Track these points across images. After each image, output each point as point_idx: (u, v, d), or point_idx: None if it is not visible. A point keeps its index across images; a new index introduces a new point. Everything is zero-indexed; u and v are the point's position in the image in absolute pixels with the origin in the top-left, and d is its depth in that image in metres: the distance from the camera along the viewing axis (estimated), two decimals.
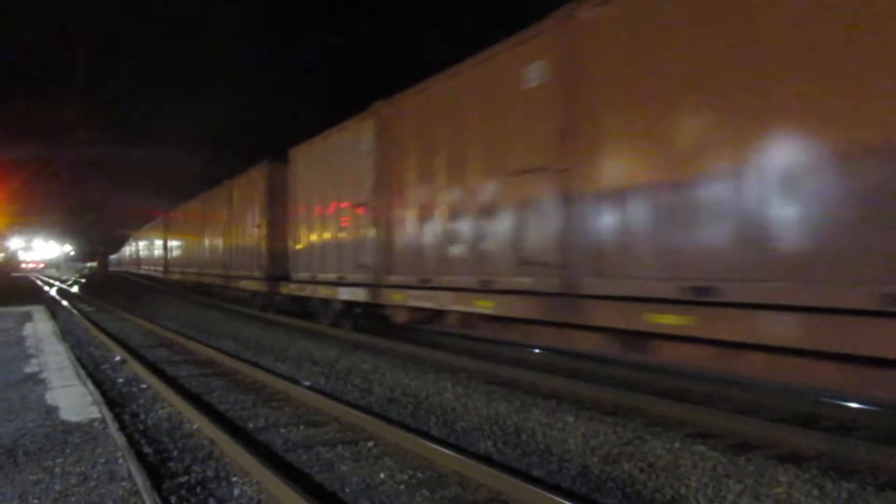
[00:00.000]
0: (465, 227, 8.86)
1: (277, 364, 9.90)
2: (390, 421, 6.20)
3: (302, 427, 6.30)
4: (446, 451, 5.09)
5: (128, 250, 64.24)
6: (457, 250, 9.01)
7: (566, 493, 4.52)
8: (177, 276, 31.39)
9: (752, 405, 6.71)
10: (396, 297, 10.37)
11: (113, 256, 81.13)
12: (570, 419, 6.24)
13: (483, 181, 8.49)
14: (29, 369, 9.30)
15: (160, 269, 37.61)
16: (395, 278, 10.45)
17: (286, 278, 15.32)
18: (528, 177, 7.55)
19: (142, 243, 50.74)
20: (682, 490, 4.62)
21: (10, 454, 5.32)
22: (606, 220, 6.57)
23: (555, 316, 7.29)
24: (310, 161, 14.18)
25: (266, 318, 16.84)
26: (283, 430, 6.19)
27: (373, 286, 11.14)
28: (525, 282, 7.62)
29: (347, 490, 4.66)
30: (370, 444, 5.69)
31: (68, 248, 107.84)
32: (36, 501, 4.31)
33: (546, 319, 7.52)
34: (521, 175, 7.66)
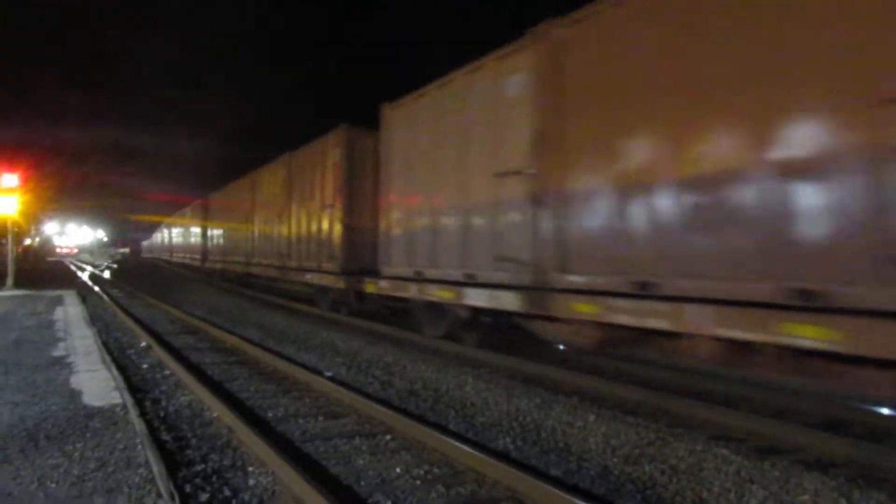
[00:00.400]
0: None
1: (300, 354, 9.92)
2: (409, 414, 6.17)
3: (321, 418, 6.29)
4: (463, 446, 5.03)
5: (159, 237, 62.88)
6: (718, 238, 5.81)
7: (584, 494, 4.44)
8: (217, 266, 28.36)
9: (779, 408, 6.55)
10: (582, 309, 7.09)
11: (145, 243, 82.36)
12: (592, 417, 6.15)
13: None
14: (56, 353, 9.43)
15: (197, 257, 34.28)
16: (575, 279, 7.32)
17: (371, 273, 12.45)
18: None
19: (175, 230, 47.26)
20: (704, 494, 4.51)
21: (32, 437, 5.37)
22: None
23: None
24: (414, 119, 11.04)
25: (293, 308, 16.84)
26: (301, 421, 6.19)
27: (531, 290, 7.97)
28: None
29: (363, 483, 4.62)
30: (388, 437, 5.66)
31: (101, 234, 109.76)
32: (53, 486, 4.33)
33: None
34: None
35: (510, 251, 8.38)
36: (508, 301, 8.34)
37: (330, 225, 14.56)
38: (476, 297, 9.02)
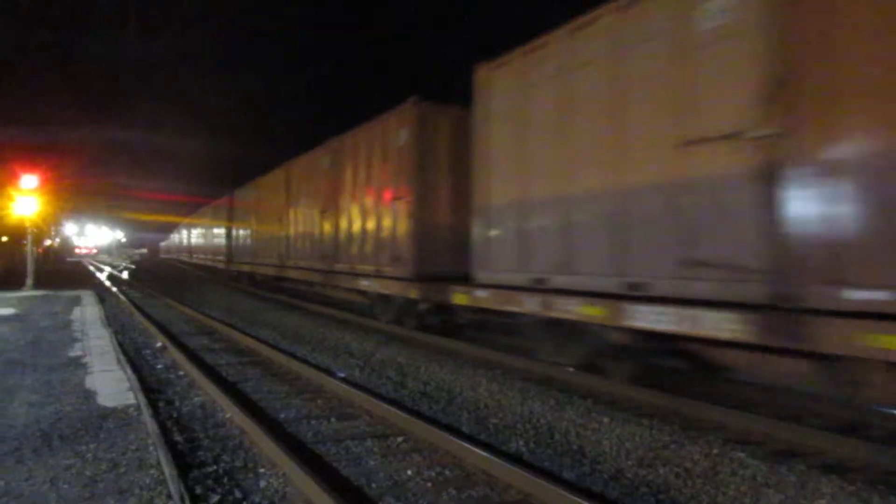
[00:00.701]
0: None
1: (314, 354, 9.92)
2: (421, 416, 6.14)
3: (333, 419, 6.28)
4: (476, 449, 4.99)
5: (178, 237, 61.77)
6: None
7: (598, 498, 4.40)
8: (245, 268, 25.75)
9: (796, 411, 6.45)
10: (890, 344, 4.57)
11: (162, 244, 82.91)
12: (606, 420, 6.09)
13: None
14: (72, 353, 9.50)
15: (221, 258, 31.57)
16: (866, 296, 4.80)
17: (454, 279, 10.32)
18: None
19: (195, 230, 44.67)
20: (720, 498, 4.45)
21: (46, 438, 5.41)
22: None
23: None
24: (526, 80, 8.61)
25: (308, 309, 16.82)
26: (314, 422, 6.18)
27: (768, 309, 5.41)
28: None
29: (374, 486, 4.60)
30: (400, 439, 5.63)
31: (119, 235, 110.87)
32: (66, 487, 4.35)
33: None
34: None
35: (712, 252, 6.00)
36: (719, 326, 5.72)
37: (394, 221, 11.96)
38: (650, 318, 6.41)
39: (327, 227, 15.65)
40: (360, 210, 13.64)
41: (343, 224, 14.63)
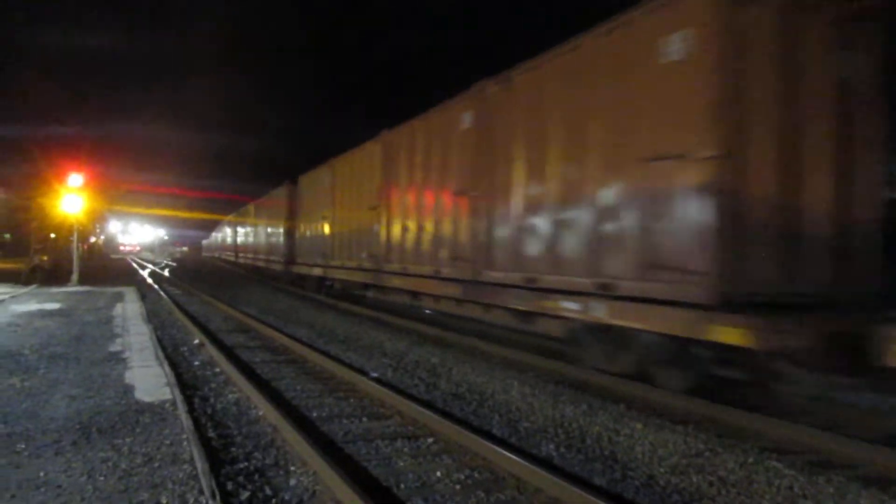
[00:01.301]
0: None
1: (348, 353, 9.98)
2: (452, 418, 6.13)
3: (364, 419, 6.31)
4: (506, 452, 4.96)
5: (220, 236, 60.04)
6: None
7: None
8: (315, 272, 20.42)
9: (836, 421, 6.28)
10: None
11: (205, 242, 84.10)
12: (639, 426, 6.00)
13: None
14: (113, 348, 9.71)
15: (277, 259, 26.64)
16: None
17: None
18: None
19: (243, 228, 39.41)
20: None
21: (84, 431, 5.53)
22: None
23: None
24: None
25: (342, 308, 16.87)
26: (345, 421, 6.21)
27: None
28: None
29: (402, 486, 4.61)
30: (430, 440, 5.63)
31: (162, 233, 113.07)
32: (102, 479, 4.44)
33: None
34: None
35: None
36: None
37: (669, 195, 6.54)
38: None
39: (473, 217, 10.31)
40: (569, 182, 8.06)
41: (528, 205, 8.92)
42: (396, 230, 13.34)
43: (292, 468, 4.86)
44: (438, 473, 4.84)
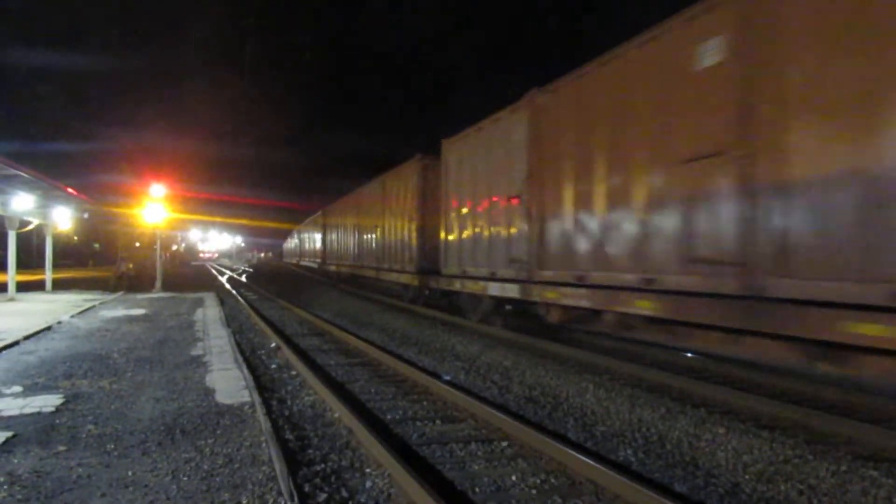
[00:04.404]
0: None
1: (421, 357, 10.02)
2: (526, 421, 6.05)
3: (438, 422, 6.30)
4: (582, 456, 4.86)
5: (293, 242, 60.42)
6: None
7: None
8: (440, 285, 15.05)
9: None
10: None
11: (285, 246, 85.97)
12: (721, 431, 5.78)
13: None
14: (195, 352, 10.03)
15: (370, 264, 22.70)
16: None
17: None
18: None
19: (332, 234, 33.10)
20: None
21: (169, 432, 5.71)
22: None
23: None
24: None
25: (414, 311, 16.95)
26: (419, 424, 6.22)
27: None
28: None
29: (477, 490, 4.56)
30: (504, 443, 5.57)
31: (239, 240, 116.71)
32: (185, 479, 4.57)
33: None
34: None
35: None
36: None
37: None
38: None
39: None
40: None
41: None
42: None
43: (368, 470, 4.89)
44: (514, 478, 4.78)
